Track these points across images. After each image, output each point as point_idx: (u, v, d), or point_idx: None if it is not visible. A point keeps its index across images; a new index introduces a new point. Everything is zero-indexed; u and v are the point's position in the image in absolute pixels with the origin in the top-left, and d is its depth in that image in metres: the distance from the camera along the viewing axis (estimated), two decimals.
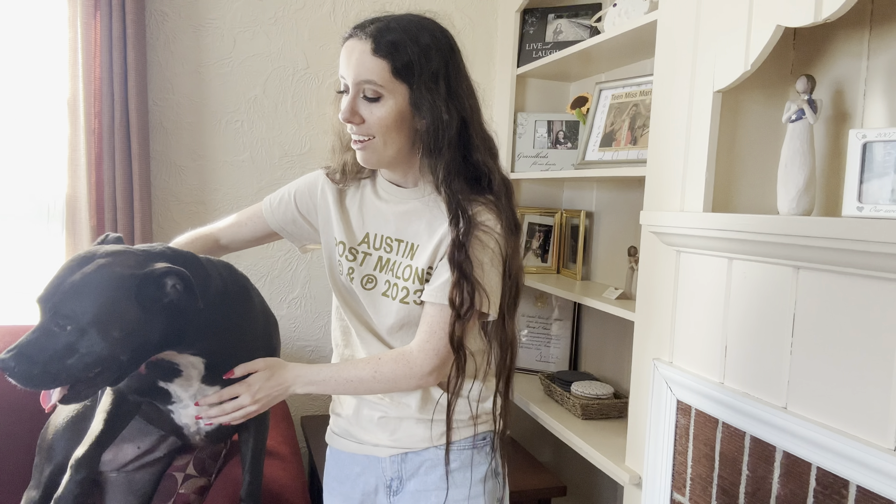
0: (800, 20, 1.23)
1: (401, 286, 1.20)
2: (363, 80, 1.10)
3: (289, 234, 1.37)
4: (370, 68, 1.09)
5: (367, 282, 1.24)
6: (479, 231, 1.13)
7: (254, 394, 1.19)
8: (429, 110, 1.10)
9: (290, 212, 1.35)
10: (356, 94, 1.12)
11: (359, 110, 1.12)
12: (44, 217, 2.31)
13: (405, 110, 1.11)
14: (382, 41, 1.08)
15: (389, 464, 1.27)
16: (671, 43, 1.61)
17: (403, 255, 1.22)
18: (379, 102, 1.11)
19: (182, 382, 1.30)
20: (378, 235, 1.24)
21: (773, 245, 1.25)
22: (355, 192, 1.29)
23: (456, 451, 1.25)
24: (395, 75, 1.09)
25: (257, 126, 2.51)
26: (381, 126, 1.12)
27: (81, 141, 2.20)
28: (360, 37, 1.11)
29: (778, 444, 1.28)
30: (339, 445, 1.34)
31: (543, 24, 2.53)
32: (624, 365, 2.22)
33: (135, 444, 1.63)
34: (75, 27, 2.18)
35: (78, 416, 1.60)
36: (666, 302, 1.60)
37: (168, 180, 2.43)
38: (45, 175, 2.29)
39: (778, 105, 1.52)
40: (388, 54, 1.08)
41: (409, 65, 1.09)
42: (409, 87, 1.10)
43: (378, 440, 1.28)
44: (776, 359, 1.29)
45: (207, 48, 2.43)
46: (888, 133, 1.13)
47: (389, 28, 1.10)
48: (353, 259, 1.25)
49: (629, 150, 2.03)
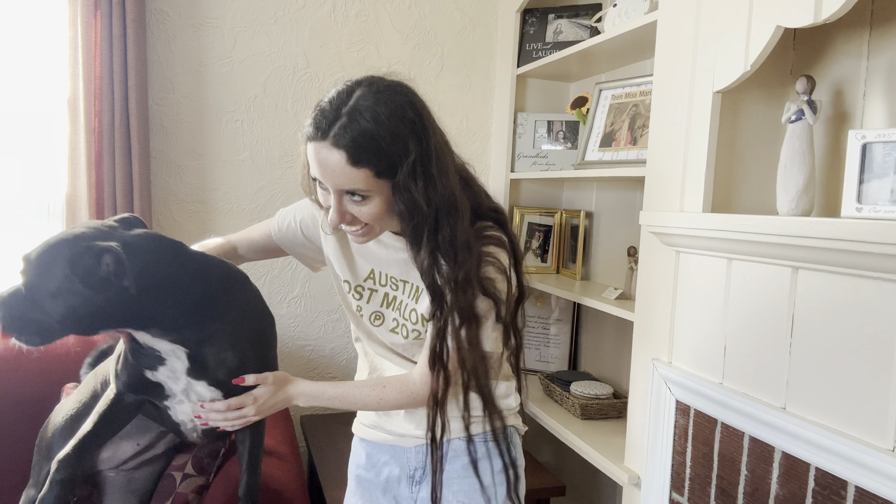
0: (800, 21, 1.23)
1: (410, 328, 1.27)
2: (347, 189, 1.07)
3: (299, 255, 1.42)
4: (352, 178, 1.05)
5: (374, 318, 1.30)
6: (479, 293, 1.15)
7: (259, 406, 1.28)
8: (404, 202, 1.07)
9: (297, 237, 1.37)
10: (340, 197, 1.09)
11: (348, 210, 1.10)
12: (44, 216, 2.31)
13: (391, 199, 1.09)
14: (357, 149, 1.03)
15: (414, 453, 1.34)
16: (671, 43, 1.61)
17: (410, 297, 1.26)
18: (366, 201, 1.08)
19: (168, 374, 1.31)
20: (384, 274, 1.29)
21: (772, 246, 1.25)
22: None
23: (478, 442, 1.31)
24: (378, 177, 1.06)
25: (257, 125, 2.51)
26: (372, 217, 1.11)
27: (81, 140, 2.20)
28: (329, 143, 1.04)
29: (777, 444, 1.28)
30: (367, 435, 1.40)
31: (543, 25, 2.53)
32: (623, 365, 2.23)
33: (134, 441, 1.62)
34: (76, 26, 2.18)
35: (77, 415, 1.60)
36: (665, 302, 1.60)
37: (168, 179, 2.43)
38: (45, 174, 2.29)
39: (778, 105, 1.52)
40: (367, 163, 1.03)
41: (388, 165, 1.05)
42: (391, 181, 1.07)
43: (404, 430, 1.33)
44: (775, 359, 1.29)
45: (208, 47, 2.43)
46: (888, 134, 1.13)
47: (358, 127, 1.03)
48: (360, 297, 1.31)
49: (629, 150, 2.03)
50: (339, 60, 2.58)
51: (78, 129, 2.21)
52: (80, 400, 1.60)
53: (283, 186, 2.55)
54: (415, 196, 1.06)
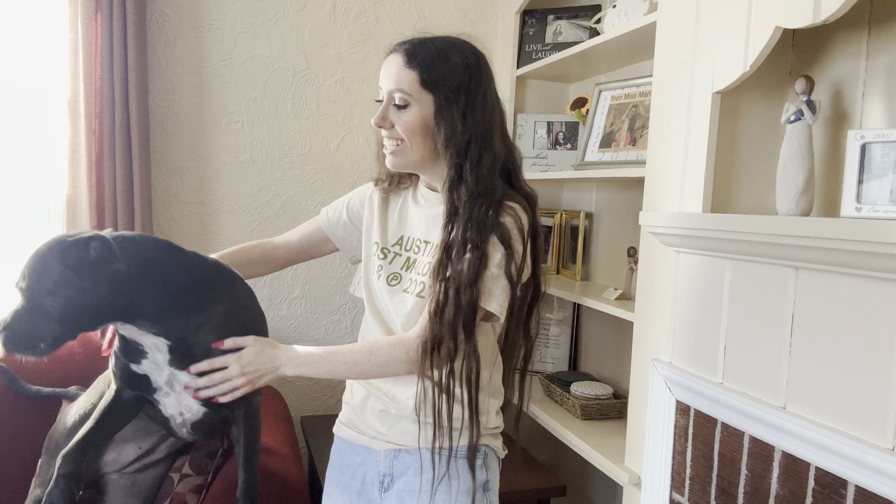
0: (799, 21, 1.24)
1: (418, 280, 1.25)
2: (395, 89, 1.20)
3: (339, 238, 1.47)
4: (401, 78, 1.20)
5: (392, 279, 1.29)
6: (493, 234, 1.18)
7: (243, 365, 1.24)
8: (444, 120, 1.20)
9: (342, 217, 1.45)
10: (388, 101, 1.22)
11: (389, 116, 1.23)
12: (44, 218, 2.32)
13: (429, 118, 1.21)
14: (415, 55, 1.20)
15: (384, 458, 1.30)
16: (670, 44, 1.61)
17: (426, 255, 1.27)
18: (406, 109, 1.21)
19: (151, 367, 1.34)
20: (411, 238, 1.32)
21: (771, 246, 1.25)
22: (397, 200, 1.37)
23: (445, 457, 1.25)
24: (423, 85, 1.20)
25: (258, 127, 2.51)
26: (407, 131, 1.21)
27: (82, 142, 2.21)
28: (398, 51, 1.22)
29: (777, 443, 1.28)
30: (343, 434, 1.38)
31: (543, 26, 2.53)
32: (623, 365, 2.23)
33: (136, 445, 1.63)
34: (76, 28, 2.18)
35: (86, 415, 1.60)
36: (665, 302, 1.60)
37: (168, 181, 2.44)
38: (46, 176, 2.29)
39: (777, 106, 1.52)
40: (418, 66, 1.19)
41: (435, 77, 1.19)
42: (433, 97, 1.20)
43: (376, 432, 1.31)
44: (775, 359, 1.29)
45: (208, 49, 2.44)
46: (887, 134, 1.14)
47: (424, 45, 1.22)
48: (384, 258, 1.32)
49: (629, 150, 2.03)
50: (339, 62, 2.58)
51: (78, 130, 2.21)
52: (90, 400, 1.62)
53: (284, 187, 2.56)
54: (453, 114, 1.19)
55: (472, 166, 1.19)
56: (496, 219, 1.18)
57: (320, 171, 2.59)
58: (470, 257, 1.15)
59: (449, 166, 1.21)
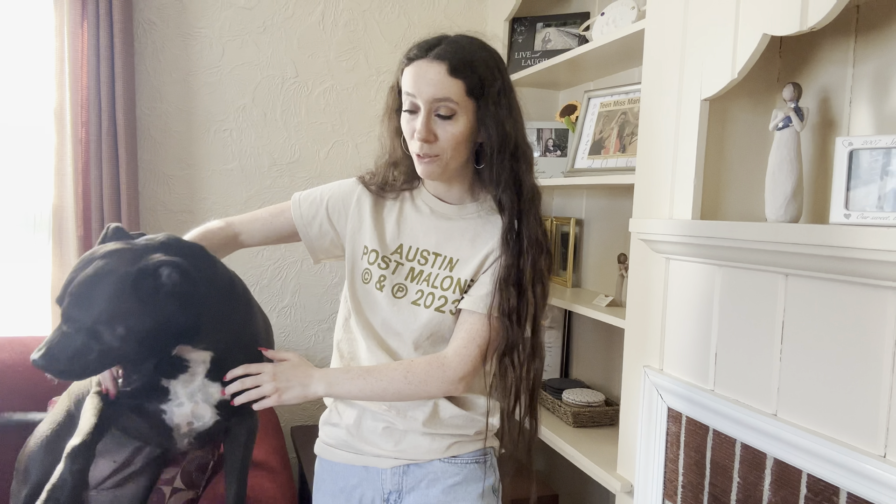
0: (786, 28, 1.24)
1: (437, 295, 1.22)
2: (439, 99, 1.14)
3: (309, 237, 1.34)
4: (448, 88, 1.14)
5: (397, 290, 1.25)
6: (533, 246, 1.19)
7: (275, 374, 1.21)
8: (493, 125, 1.17)
9: (319, 213, 1.33)
10: (430, 112, 1.16)
11: (434, 128, 1.16)
12: (30, 227, 2.29)
13: (473, 126, 1.17)
14: (456, 62, 1.14)
15: (390, 475, 1.26)
16: (658, 52, 1.61)
17: (441, 268, 1.24)
18: (452, 120, 1.16)
19: (186, 378, 1.30)
20: (412, 248, 1.27)
21: (761, 252, 1.25)
22: (394, 204, 1.31)
23: (459, 464, 1.26)
24: (469, 94, 1.15)
25: (246, 135, 2.50)
26: (452, 142, 1.16)
27: (68, 150, 2.19)
28: (431, 58, 1.16)
29: (768, 451, 1.28)
30: (334, 457, 1.32)
31: (532, 33, 2.54)
32: (615, 372, 2.22)
33: (110, 459, 1.57)
34: (62, 36, 2.17)
35: (53, 437, 1.56)
36: (656, 309, 1.60)
37: (156, 189, 2.42)
38: (32, 184, 2.27)
39: (765, 113, 1.53)
40: (463, 75, 1.14)
41: (479, 83, 1.16)
42: (477, 104, 1.16)
43: (381, 450, 1.26)
44: (766, 366, 1.29)
45: (196, 57, 2.42)
46: (874, 140, 1.14)
47: (460, 50, 1.17)
48: (386, 267, 1.26)
49: (618, 157, 2.04)
50: (328, 69, 2.57)
51: (64, 139, 2.19)
52: (56, 421, 1.56)
53: (273, 196, 2.54)
54: (500, 118, 1.16)
55: (528, 168, 1.20)
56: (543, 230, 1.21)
57: (309, 180, 2.58)
58: (535, 258, 1.18)
59: (503, 171, 1.18)
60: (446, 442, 1.24)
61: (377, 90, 2.63)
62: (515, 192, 1.19)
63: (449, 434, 1.24)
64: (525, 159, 1.21)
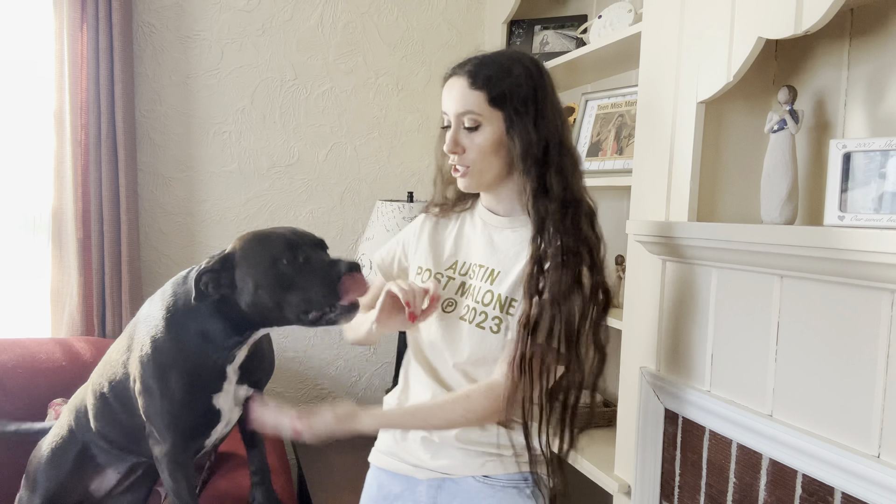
0: (781, 32, 1.25)
1: (479, 310, 1.21)
2: (463, 112, 1.19)
3: (392, 277, 1.40)
4: (469, 100, 1.18)
5: (447, 305, 1.26)
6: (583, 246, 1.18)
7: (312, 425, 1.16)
8: (518, 133, 1.18)
9: (396, 254, 1.41)
10: (458, 126, 1.20)
11: (461, 141, 1.20)
12: (30, 229, 2.30)
13: (501, 135, 1.19)
14: (479, 75, 1.18)
15: (426, 489, 1.27)
16: (655, 54, 1.62)
17: (483, 280, 1.23)
18: (478, 131, 1.19)
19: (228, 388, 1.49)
20: (466, 263, 1.28)
21: (757, 254, 1.26)
22: (454, 224, 1.34)
23: (495, 486, 1.24)
24: (491, 104, 1.18)
25: (245, 137, 2.51)
26: (480, 152, 1.19)
27: (68, 153, 2.19)
28: (459, 74, 1.20)
29: (764, 451, 1.28)
30: (381, 463, 1.34)
31: (530, 36, 2.55)
32: (612, 373, 2.23)
33: (115, 470, 1.65)
34: (62, 39, 2.17)
35: (59, 449, 1.61)
36: (652, 310, 1.60)
37: (155, 192, 2.43)
38: (32, 187, 2.28)
39: (760, 115, 1.53)
40: (484, 86, 1.18)
41: (502, 93, 1.18)
42: (503, 113, 1.18)
43: (419, 460, 1.27)
44: (761, 367, 1.29)
45: (195, 60, 2.43)
46: (868, 143, 1.15)
47: (484, 63, 1.20)
48: (437, 284, 1.26)
49: (615, 159, 2.05)
50: (326, 72, 2.58)
51: (64, 141, 2.20)
52: (60, 435, 1.63)
53: (271, 198, 2.55)
54: (525, 126, 1.17)
55: (557, 172, 1.18)
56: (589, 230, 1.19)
57: (308, 182, 2.59)
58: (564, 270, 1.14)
59: (529, 179, 1.18)
60: (480, 459, 1.23)
61: (376, 92, 2.64)
62: (543, 199, 1.17)
63: (482, 451, 1.23)
64: (555, 164, 1.18)
